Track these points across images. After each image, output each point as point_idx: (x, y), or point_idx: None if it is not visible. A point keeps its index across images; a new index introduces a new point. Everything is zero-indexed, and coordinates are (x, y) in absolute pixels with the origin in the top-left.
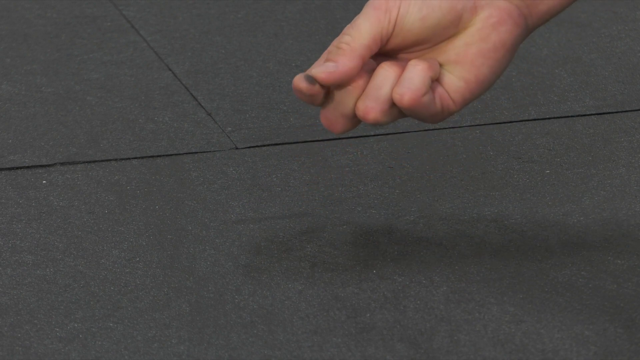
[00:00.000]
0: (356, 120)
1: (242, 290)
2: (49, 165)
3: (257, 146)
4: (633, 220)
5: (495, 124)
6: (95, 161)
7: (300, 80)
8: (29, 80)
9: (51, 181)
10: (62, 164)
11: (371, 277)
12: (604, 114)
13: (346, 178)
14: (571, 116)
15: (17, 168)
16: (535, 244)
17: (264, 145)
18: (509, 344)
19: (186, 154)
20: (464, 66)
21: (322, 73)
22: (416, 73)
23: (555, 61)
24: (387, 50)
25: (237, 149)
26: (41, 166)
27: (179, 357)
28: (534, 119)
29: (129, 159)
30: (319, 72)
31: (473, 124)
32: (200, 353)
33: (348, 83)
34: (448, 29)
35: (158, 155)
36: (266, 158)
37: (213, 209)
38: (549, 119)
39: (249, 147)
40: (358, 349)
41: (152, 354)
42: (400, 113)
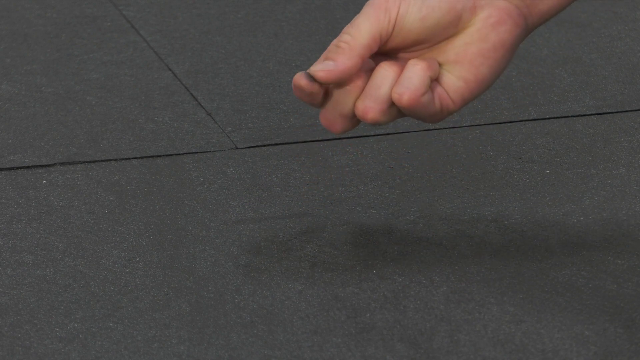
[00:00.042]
0: (355, 120)
1: (242, 290)
2: (49, 165)
3: (257, 146)
4: (633, 220)
5: (495, 124)
6: (95, 161)
7: (300, 78)
8: (29, 80)
9: (51, 181)
10: (62, 164)
11: (371, 277)
12: (604, 114)
13: (346, 178)
14: (571, 116)
15: (17, 168)
16: (535, 244)
17: (264, 145)
18: (509, 344)
19: (186, 154)
20: (464, 66)
21: (321, 71)
22: (415, 73)
23: (555, 61)
24: (387, 50)
25: (237, 149)
26: (41, 166)
27: (179, 357)
28: (534, 119)
29: (129, 159)
30: (318, 71)
31: (473, 124)
32: (200, 353)
33: (347, 82)
34: (447, 29)
35: (158, 155)
36: (266, 158)
37: (213, 209)
38: (549, 119)
39: (249, 147)
40: (358, 349)
41: (152, 354)
42: (400, 113)
